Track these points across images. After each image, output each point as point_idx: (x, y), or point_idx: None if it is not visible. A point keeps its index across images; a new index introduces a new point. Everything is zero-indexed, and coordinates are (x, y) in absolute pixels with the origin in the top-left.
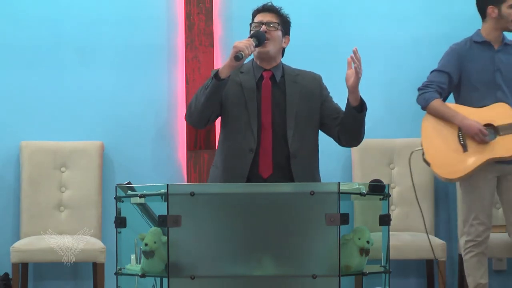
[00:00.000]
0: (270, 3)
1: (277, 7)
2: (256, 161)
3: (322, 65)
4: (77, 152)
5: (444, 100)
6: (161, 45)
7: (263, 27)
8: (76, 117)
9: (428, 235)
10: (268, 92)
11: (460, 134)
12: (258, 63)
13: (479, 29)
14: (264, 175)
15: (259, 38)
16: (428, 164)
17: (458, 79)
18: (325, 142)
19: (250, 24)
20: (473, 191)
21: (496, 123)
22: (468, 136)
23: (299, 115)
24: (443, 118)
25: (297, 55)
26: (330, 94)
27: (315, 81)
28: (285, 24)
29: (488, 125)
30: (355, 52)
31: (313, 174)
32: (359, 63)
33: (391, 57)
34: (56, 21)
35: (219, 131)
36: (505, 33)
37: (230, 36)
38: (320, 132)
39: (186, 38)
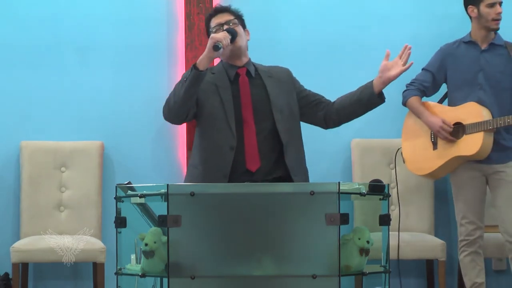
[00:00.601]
0: (219, 5)
1: (226, 6)
2: (241, 157)
3: (321, 65)
4: (77, 152)
5: (443, 99)
6: (161, 45)
7: (225, 27)
8: (76, 117)
9: (399, 234)
10: (247, 87)
11: (432, 132)
12: (230, 62)
13: (470, 31)
14: (252, 168)
15: (232, 34)
16: (403, 160)
17: (443, 78)
18: (325, 142)
19: (208, 31)
20: (459, 191)
21: (465, 121)
22: None
23: (283, 108)
24: (415, 115)
25: (297, 54)
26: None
27: (286, 74)
28: (241, 19)
29: (458, 124)
30: (408, 48)
31: (302, 164)
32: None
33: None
34: (56, 21)
35: None
36: (502, 34)
37: None
38: (317, 132)
39: (186, 38)
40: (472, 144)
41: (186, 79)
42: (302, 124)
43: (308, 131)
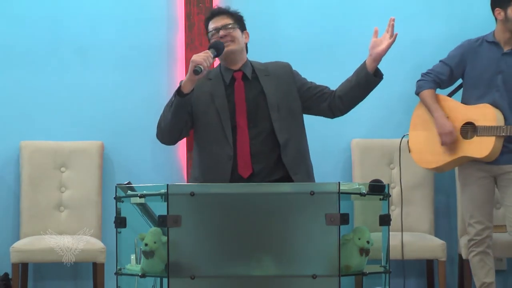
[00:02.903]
0: (216, 7)
1: (225, 8)
2: (235, 164)
3: (321, 64)
4: (77, 152)
5: (453, 93)
6: (161, 45)
7: (221, 32)
8: (76, 117)
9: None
10: (242, 93)
11: None
12: (226, 65)
13: (494, 30)
14: (244, 174)
15: (217, 48)
16: (409, 149)
17: (461, 74)
18: (325, 142)
19: (207, 34)
20: (465, 191)
21: (478, 123)
22: None
23: (280, 106)
24: (428, 109)
25: (296, 54)
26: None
27: (285, 69)
28: (239, 21)
29: (469, 124)
30: (393, 20)
31: (304, 161)
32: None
33: (392, 57)
34: (56, 21)
35: None
36: None
37: None
38: (317, 132)
39: (186, 38)
40: (482, 147)
41: (172, 104)
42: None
43: (308, 131)
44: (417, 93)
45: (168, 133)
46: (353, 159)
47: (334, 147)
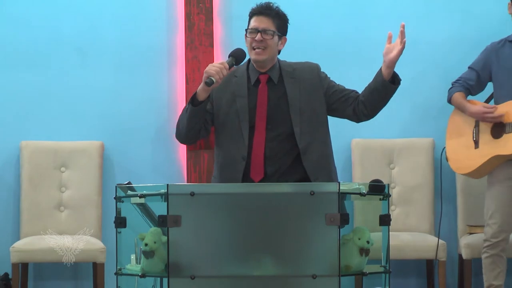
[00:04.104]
0: (265, 4)
1: (274, 8)
2: (248, 167)
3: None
4: (77, 152)
5: (490, 99)
6: (161, 45)
7: (258, 36)
8: (76, 117)
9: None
10: (264, 97)
11: (474, 131)
12: (254, 65)
13: None
14: (255, 178)
15: (237, 58)
16: (447, 159)
17: (488, 77)
18: None
19: (247, 29)
20: (491, 189)
21: (506, 120)
22: (481, 133)
23: (303, 109)
24: (460, 110)
25: (298, 55)
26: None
27: (313, 71)
28: (282, 27)
29: (499, 123)
30: (402, 27)
31: (326, 164)
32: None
33: None
34: (56, 21)
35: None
36: None
37: (230, 36)
38: None
39: (186, 38)
40: (511, 143)
41: (187, 110)
42: None
43: None
44: (449, 100)
45: (185, 135)
46: (353, 159)
47: (334, 147)
